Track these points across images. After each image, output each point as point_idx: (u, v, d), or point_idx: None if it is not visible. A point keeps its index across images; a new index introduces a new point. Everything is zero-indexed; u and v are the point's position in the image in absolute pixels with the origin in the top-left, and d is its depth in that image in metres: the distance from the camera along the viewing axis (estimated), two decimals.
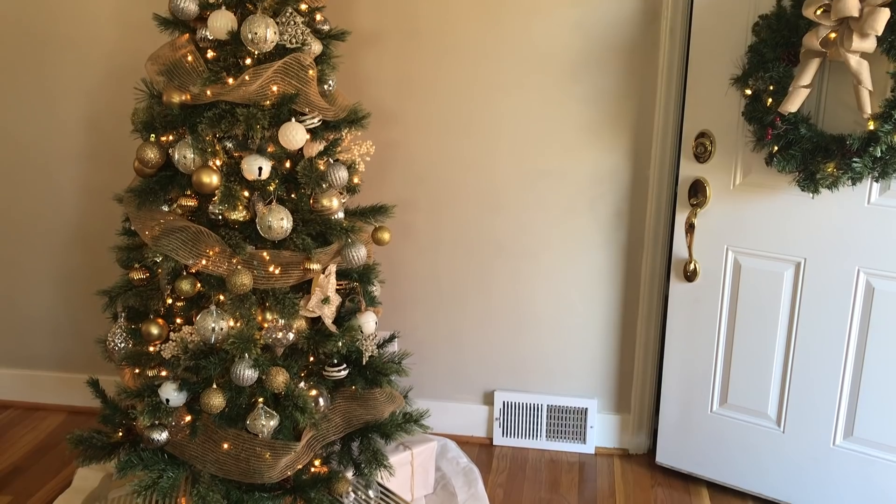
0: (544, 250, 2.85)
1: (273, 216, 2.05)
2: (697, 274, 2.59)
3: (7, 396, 3.32)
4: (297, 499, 2.20)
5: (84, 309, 3.17)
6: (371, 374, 2.38)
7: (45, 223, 3.10)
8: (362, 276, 2.38)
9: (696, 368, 2.66)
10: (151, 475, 2.13)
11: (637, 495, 2.70)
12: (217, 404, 2.06)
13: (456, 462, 2.86)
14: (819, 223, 2.36)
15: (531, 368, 2.99)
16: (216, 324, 2.06)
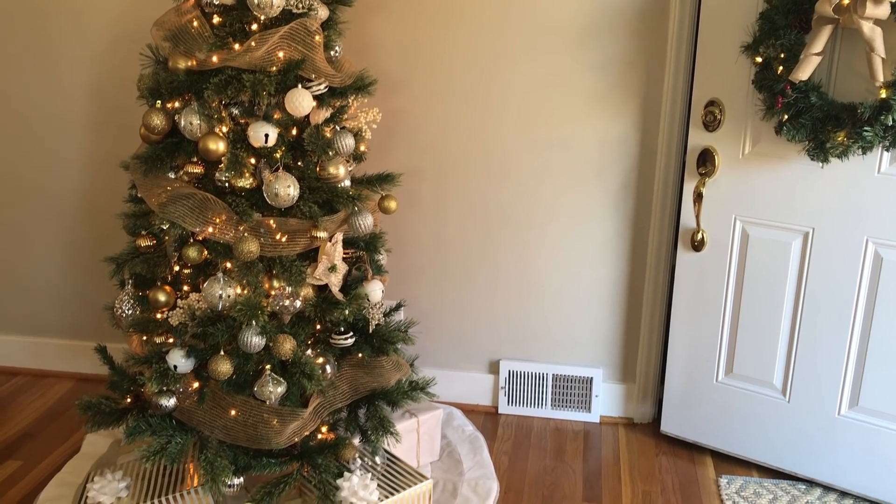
0: (551, 220, 2.85)
1: (280, 184, 2.05)
2: (705, 244, 2.58)
3: (16, 363, 3.34)
4: (304, 464, 2.22)
5: (91, 277, 3.18)
6: (377, 343, 2.39)
7: (52, 191, 3.10)
8: (369, 244, 2.38)
9: (702, 338, 2.66)
10: (160, 441, 2.15)
11: (641, 464, 2.72)
12: (225, 371, 2.07)
13: (461, 430, 2.88)
14: (828, 193, 2.35)
15: (537, 338, 2.99)
16: (223, 291, 2.06)
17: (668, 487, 2.58)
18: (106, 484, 2.27)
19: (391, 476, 2.31)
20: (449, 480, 2.58)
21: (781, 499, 2.50)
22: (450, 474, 2.62)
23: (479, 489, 2.54)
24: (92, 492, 2.25)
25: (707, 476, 2.64)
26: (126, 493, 2.27)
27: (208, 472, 2.12)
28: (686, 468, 2.69)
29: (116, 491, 2.25)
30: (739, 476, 2.63)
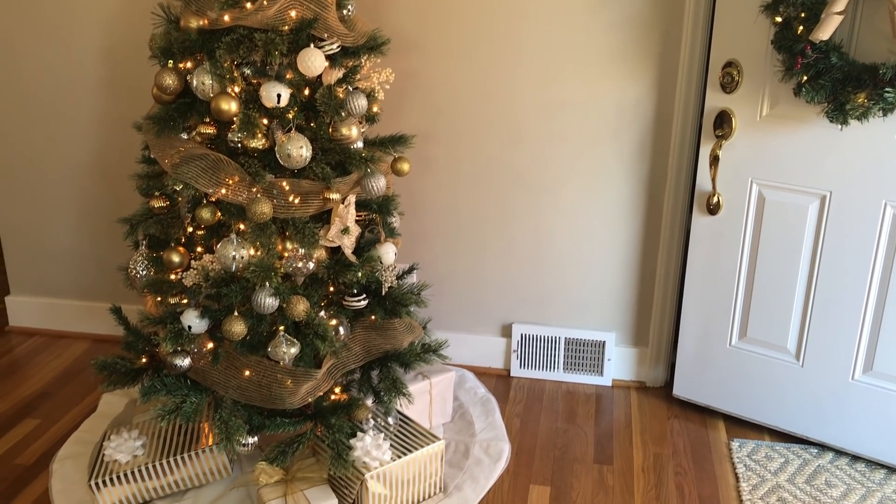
0: (565, 183, 2.83)
1: (292, 144, 2.04)
2: (720, 207, 2.56)
3: (33, 324, 3.37)
4: (317, 424, 2.24)
5: (106, 238, 3.19)
6: (390, 305, 2.39)
7: (65, 153, 3.10)
8: (381, 207, 2.37)
9: (716, 302, 2.65)
10: (175, 400, 2.17)
11: (653, 427, 2.72)
12: (239, 331, 2.08)
13: (474, 392, 2.90)
14: (847, 155, 2.32)
15: (550, 301, 2.99)
16: (237, 252, 2.07)
17: (679, 450, 2.59)
18: (122, 442, 2.30)
19: (404, 436, 2.33)
20: (461, 441, 2.60)
21: (793, 462, 2.51)
22: (462, 435, 2.64)
23: (491, 450, 2.56)
24: (108, 450, 2.28)
25: (719, 439, 2.65)
26: (142, 451, 2.30)
27: (223, 431, 2.14)
28: (698, 431, 2.70)
29: (132, 449, 2.28)
30: (751, 440, 2.63)
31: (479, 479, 2.42)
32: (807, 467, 2.49)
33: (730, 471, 2.49)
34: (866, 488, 2.39)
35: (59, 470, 2.45)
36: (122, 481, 2.23)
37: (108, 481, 2.22)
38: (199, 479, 2.32)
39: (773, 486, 2.40)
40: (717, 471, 2.49)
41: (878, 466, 2.50)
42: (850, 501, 2.34)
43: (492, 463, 2.50)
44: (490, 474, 2.45)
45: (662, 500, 2.36)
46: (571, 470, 2.50)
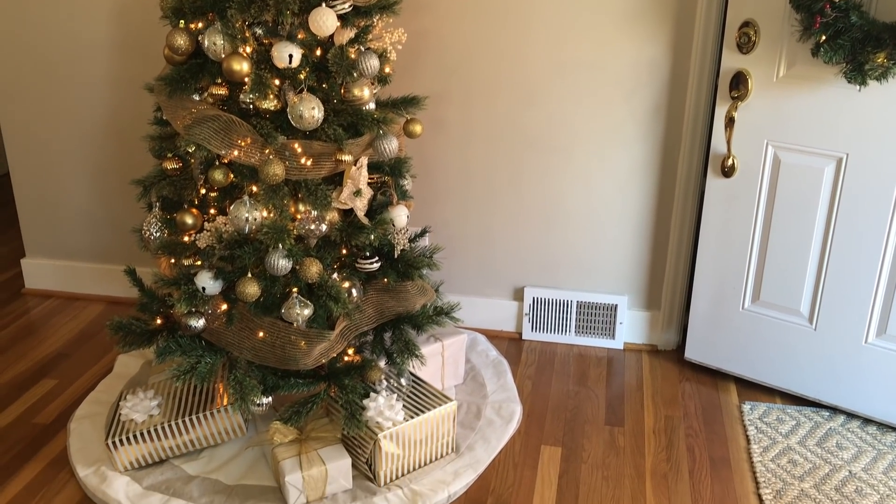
0: (578, 145, 2.81)
1: (304, 105, 2.03)
2: (735, 169, 2.53)
3: (48, 286, 3.40)
4: (331, 385, 2.26)
5: (120, 201, 3.20)
6: (403, 268, 2.40)
7: (77, 115, 3.10)
8: (394, 169, 2.37)
9: (730, 265, 2.64)
10: (189, 360, 2.19)
11: (665, 389, 2.73)
12: (252, 293, 2.09)
13: (485, 355, 2.91)
14: (864, 117, 2.29)
15: (562, 265, 2.99)
16: (250, 214, 2.07)
17: (690, 413, 2.60)
18: (138, 402, 2.32)
19: (416, 397, 2.35)
20: (473, 403, 2.62)
21: (804, 425, 2.52)
22: (474, 397, 2.66)
23: (503, 412, 2.57)
24: (125, 409, 2.31)
25: (730, 402, 2.66)
26: (157, 411, 2.33)
27: (237, 391, 2.16)
28: (709, 394, 2.71)
29: (148, 409, 2.31)
30: (763, 402, 2.64)
31: (490, 439, 2.44)
32: (818, 430, 2.50)
33: (741, 433, 2.50)
34: (877, 450, 2.40)
35: (77, 429, 2.48)
36: (138, 440, 2.27)
37: (125, 440, 2.25)
38: (214, 438, 2.35)
39: (783, 448, 2.41)
40: (729, 433, 2.50)
41: (889, 429, 2.50)
42: (861, 463, 2.35)
43: (503, 424, 2.52)
44: (502, 435, 2.47)
45: (673, 461, 2.38)
46: (582, 431, 2.52)
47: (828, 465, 2.34)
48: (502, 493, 2.25)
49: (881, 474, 2.30)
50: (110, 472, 2.28)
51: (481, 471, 2.33)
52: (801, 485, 2.26)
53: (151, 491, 2.23)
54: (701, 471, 2.34)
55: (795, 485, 2.26)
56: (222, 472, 2.31)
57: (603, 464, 2.37)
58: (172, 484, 2.25)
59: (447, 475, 2.29)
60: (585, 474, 2.33)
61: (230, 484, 2.26)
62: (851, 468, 2.33)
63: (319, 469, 2.16)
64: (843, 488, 2.24)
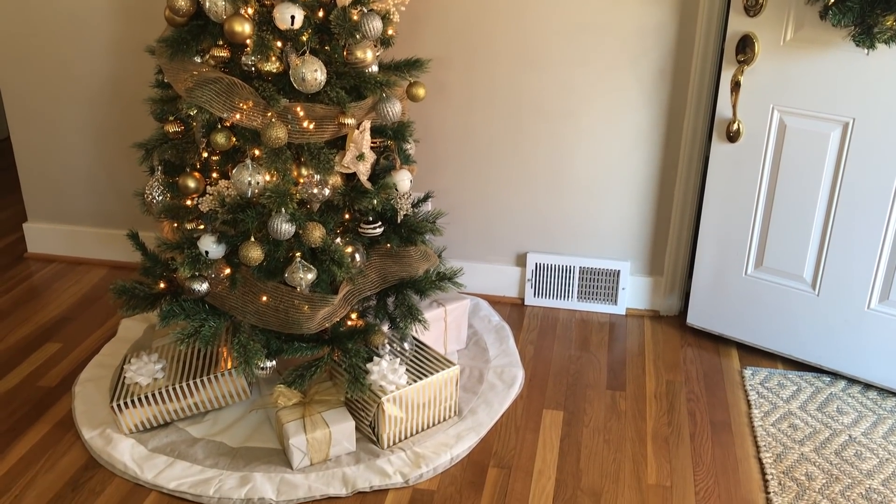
0: (582, 109, 2.78)
1: (307, 67, 2.01)
2: (740, 134, 2.52)
3: (51, 251, 3.40)
4: (334, 349, 2.27)
5: (123, 165, 3.19)
6: (406, 233, 2.39)
7: (79, 78, 3.08)
8: (397, 133, 2.35)
9: (733, 231, 2.64)
10: (193, 324, 2.20)
11: (666, 354, 2.74)
12: (255, 257, 2.09)
13: (488, 320, 2.92)
14: (872, 81, 2.26)
15: (565, 231, 2.98)
16: (252, 178, 2.06)
17: (692, 378, 2.62)
18: (142, 365, 2.33)
19: (419, 362, 2.36)
20: (475, 367, 2.63)
21: (805, 390, 2.53)
22: (476, 361, 2.67)
23: (505, 376, 2.59)
24: (129, 373, 2.32)
25: (732, 367, 2.67)
26: (162, 374, 2.34)
27: (241, 355, 2.17)
28: (711, 359, 2.72)
29: (152, 372, 2.32)
30: (764, 368, 2.65)
31: (492, 403, 2.46)
32: (819, 395, 2.51)
33: (742, 398, 2.51)
34: (877, 415, 2.41)
35: (82, 392, 2.50)
36: (142, 403, 2.28)
37: (130, 403, 2.27)
38: (218, 401, 2.36)
39: (784, 412, 2.43)
40: (730, 398, 2.52)
41: (889, 394, 2.51)
42: (861, 428, 2.36)
43: (505, 388, 2.53)
44: (504, 399, 2.48)
45: (674, 425, 2.39)
46: (584, 395, 2.53)
47: (828, 430, 2.35)
48: (504, 455, 2.27)
49: (881, 438, 2.32)
50: (115, 435, 2.30)
51: (483, 434, 2.35)
52: (801, 449, 2.27)
53: (156, 453, 2.25)
54: (702, 435, 2.36)
55: (795, 449, 2.27)
56: (227, 434, 2.32)
57: (604, 427, 2.39)
58: (177, 446, 2.27)
59: (450, 438, 2.31)
60: (587, 438, 2.35)
61: (234, 446, 2.28)
62: (851, 432, 2.34)
63: (323, 432, 2.17)
64: (842, 452, 2.26)
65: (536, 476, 2.20)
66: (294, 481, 2.15)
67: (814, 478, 2.17)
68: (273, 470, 2.18)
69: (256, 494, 2.10)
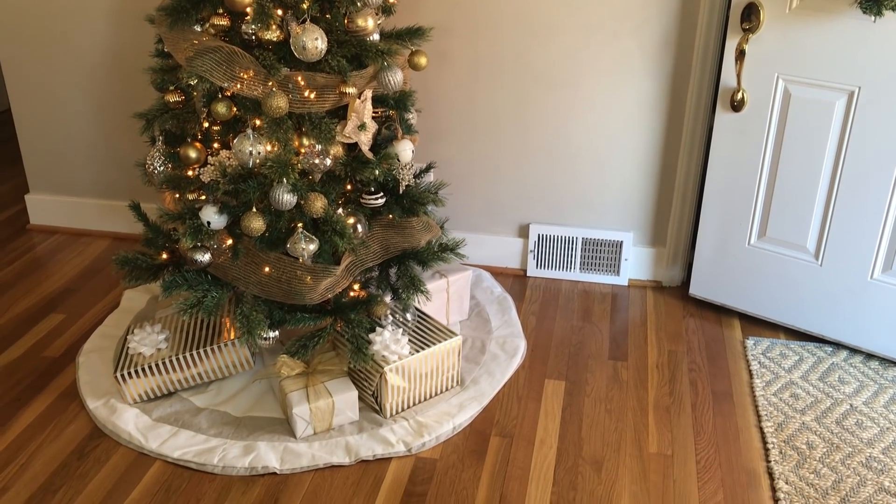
0: (585, 78, 2.76)
1: (307, 36, 1.99)
2: (745, 103, 2.50)
3: (53, 222, 3.40)
4: (337, 320, 2.27)
5: (124, 136, 3.17)
6: (408, 203, 2.39)
7: (78, 49, 3.06)
8: (398, 102, 2.34)
9: (737, 201, 2.63)
10: (196, 294, 2.20)
11: (668, 325, 2.75)
12: (257, 227, 2.09)
13: (490, 291, 2.92)
14: (878, 49, 2.24)
15: (568, 201, 2.97)
16: (253, 148, 2.05)
17: (694, 348, 2.62)
18: (146, 336, 2.34)
19: (422, 332, 2.36)
20: (477, 338, 2.64)
21: (807, 360, 2.53)
22: (478, 332, 2.67)
23: (507, 346, 2.59)
24: (133, 343, 2.33)
25: (734, 337, 2.67)
26: (165, 344, 2.35)
27: (244, 325, 2.18)
28: (713, 330, 2.72)
29: (156, 342, 2.33)
30: (766, 338, 2.65)
31: (495, 373, 2.47)
32: (821, 365, 2.51)
33: (744, 368, 2.52)
34: (879, 385, 2.42)
35: (86, 363, 2.51)
36: (146, 373, 2.29)
37: (133, 373, 2.28)
38: (221, 371, 2.37)
39: (786, 382, 2.43)
40: (732, 368, 2.52)
41: (891, 364, 2.52)
42: (862, 397, 2.37)
43: (508, 358, 2.54)
44: (506, 369, 2.49)
45: (676, 395, 2.40)
46: (586, 365, 2.54)
47: (829, 399, 2.36)
48: (506, 424, 2.28)
49: (882, 408, 2.32)
50: (120, 405, 2.31)
51: (486, 403, 2.36)
52: (802, 418, 2.28)
53: (161, 422, 2.26)
54: (703, 404, 2.36)
55: (797, 418, 2.28)
56: (230, 404, 2.34)
57: (606, 397, 2.40)
58: (181, 416, 2.29)
59: (452, 407, 2.32)
60: (588, 407, 2.36)
61: (238, 416, 2.29)
62: (853, 402, 2.35)
63: (326, 401, 2.18)
64: (843, 421, 2.27)
65: (538, 445, 2.21)
66: (297, 450, 2.16)
67: (814, 446, 2.18)
68: (277, 439, 2.20)
69: (260, 463, 2.12)
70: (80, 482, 2.09)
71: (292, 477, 2.11)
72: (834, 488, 2.04)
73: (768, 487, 2.07)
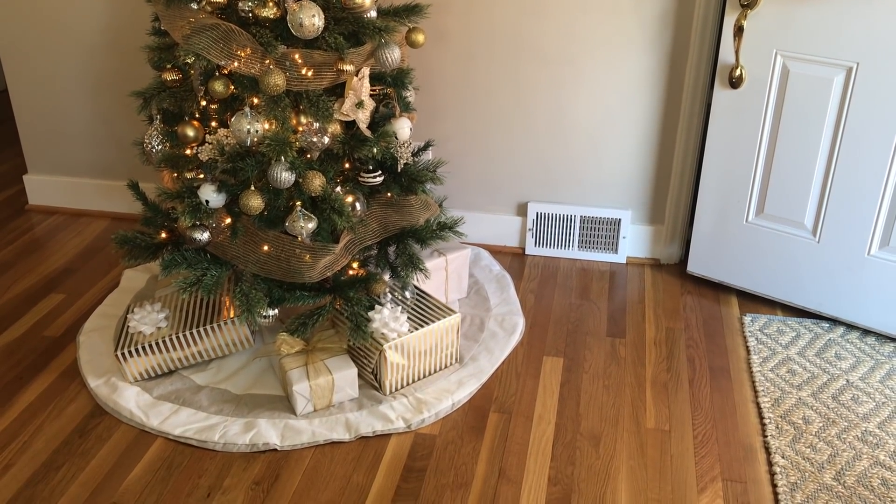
0: (583, 55, 2.76)
1: (304, 13, 1.98)
2: (743, 80, 2.49)
3: (52, 203, 3.41)
4: (336, 298, 2.28)
5: (120, 114, 3.17)
6: (406, 182, 2.39)
7: (74, 26, 3.04)
8: (396, 80, 2.33)
9: (735, 177, 2.63)
10: (195, 273, 2.21)
11: (666, 302, 2.76)
12: (256, 205, 2.09)
13: (489, 269, 2.93)
14: (877, 24, 2.24)
15: (565, 179, 2.97)
16: (251, 126, 2.05)
17: (691, 325, 2.63)
18: (146, 315, 2.35)
19: (421, 310, 2.37)
20: (476, 315, 2.65)
21: (804, 336, 2.55)
22: (477, 310, 2.68)
23: (506, 324, 2.61)
24: (133, 322, 2.34)
25: (731, 314, 2.68)
26: (165, 323, 2.36)
27: (244, 303, 2.19)
28: (711, 307, 2.73)
29: (156, 321, 2.34)
30: (763, 314, 2.67)
31: (493, 350, 2.48)
32: (818, 341, 2.53)
33: (741, 344, 2.53)
34: (875, 360, 2.43)
35: (86, 342, 2.52)
36: (147, 352, 2.30)
37: (134, 352, 2.29)
38: (221, 349, 2.39)
39: (783, 358, 2.45)
40: (729, 344, 2.54)
41: (888, 340, 2.53)
42: (859, 373, 2.38)
43: (506, 336, 2.55)
44: (505, 346, 2.51)
45: (673, 371, 2.42)
46: (584, 342, 2.55)
47: (826, 375, 2.37)
48: (505, 401, 2.30)
49: (878, 383, 2.34)
50: (120, 383, 2.33)
51: (485, 380, 2.37)
52: (798, 393, 2.30)
53: (161, 400, 2.28)
54: (701, 380, 2.38)
55: (793, 393, 2.30)
56: (230, 382, 2.35)
57: (604, 373, 2.41)
58: (182, 394, 2.30)
59: (451, 384, 2.33)
60: (586, 383, 2.37)
61: (238, 393, 2.31)
62: (849, 377, 2.36)
63: (326, 378, 2.20)
64: (839, 396, 2.29)
65: (537, 420, 2.23)
66: (298, 427, 2.18)
67: (811, 421, 2.19)
68: (277, 416, 2.21)
69: (261, 440, 2.13)
70: (82, 459, 2.10)
71: (293, 453, 2.12)
72: (830, 462, 2.06)
73: (765, 462, 2.09)
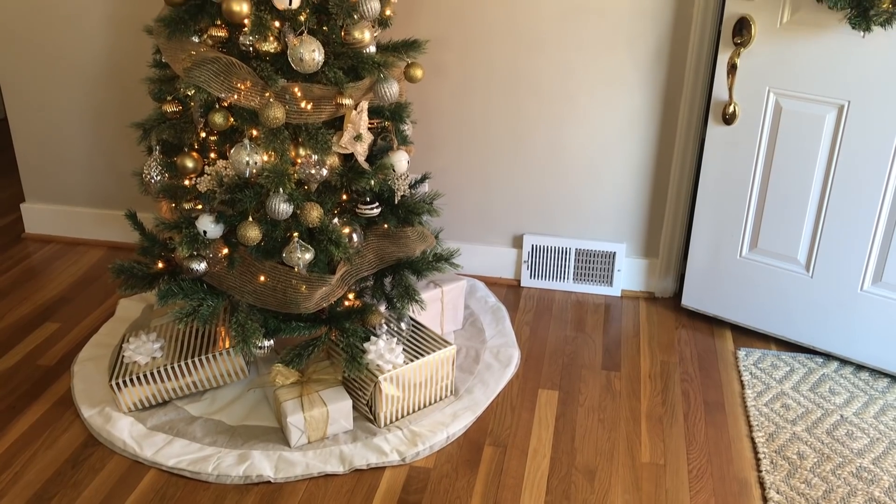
0: (579, 91, 2.79)
1: (304, 48, 2.01)
2: (736, 116, 2.53)
3: (49, 231, 3.41)
4: (332, 329, 2.29)
5: (121, 145, 3.19)
6: (403, 213, 2.40)
7: (75, 58, 3.07)
8: (394, 113, 2.36)
9: (728, 213, 2.65)
10: (192, 303, 2.21)
11: (661, 335, 2.77)
12: (253, 237, 2.10)
13: (484, 301, 2.93)
14: (867, 64, 2.28)
15: (561, 212, 2.99)
16: (250, 157, 2.07)
17: (686, 358, 2.64)
18: (141, 344, 2.35)
19: (416, 341, 2.38)
20: (472, 347, 2.65)
21: (798, 371, 2.55)
22: (472, 342, 2.69)
23: (501, 356, 2.61)
24: (128, 351, 2.34)
25: (725, 348, 2.69)
26: (160, 353, 2.35)
27: (239, 334, 2.19)
28: (705, 341, 2.74)
29: (151, 351, 2.34)
30: (758, 349, 2.67)
31: (489, 382, 2.48)
32: (811, 375, 2.53)
33: (735, 378, 2.54)
34: (869, 396, 2.44)
35: (81, 371, 2.51)
36: (141, 382, 2.30)
37: (128, 381, 2.29)
38: (216, 380, 2.38)
39: (777, 392, 2.45)
40: (723, 378, 2.54)
41: (881, 375, 2.54)
42: (853, 408, 2.39)
43: (501, 368, 2.55)
44: (500, 378, 2.51)
45: (668, 404, 2.42)
46: (579, 375, 2.55)
47: (820, 410, 2.38)
48: (500, 434, 2.30)
49: (872, 418, 2.34)
50: (114, 413, 2.32)
51: (480, 413, 2.37)
52: (793, 428, 2.30)
53: (155, 431, 2.27)
54: (695, 414, 2.38)
55: (788, 428, 2.30)
56: (225, 413, 2.34)
57: (599, 407, 2.41)
58: (176, 424, 2.29)
59: (446, 417, 2.33)
60: (582, 417, 2.37)
61: (233, 424, 2.30)
62: (843, 412, 2.37)
63: (321, 410, 2.19)
64: (834, 432, 2.29)
65: (532, 454, 2.22)
66: (292, 459, 2.17)
67: (805, 457, 2.19)
68: (271, 448, 2.20)
69: (255, 472, 2.12)
70: (74, 490, 2.09)
71: (286, 486, 2.11)
72: (824, 498, 2.06)
73: (759, 497, 2.08)
